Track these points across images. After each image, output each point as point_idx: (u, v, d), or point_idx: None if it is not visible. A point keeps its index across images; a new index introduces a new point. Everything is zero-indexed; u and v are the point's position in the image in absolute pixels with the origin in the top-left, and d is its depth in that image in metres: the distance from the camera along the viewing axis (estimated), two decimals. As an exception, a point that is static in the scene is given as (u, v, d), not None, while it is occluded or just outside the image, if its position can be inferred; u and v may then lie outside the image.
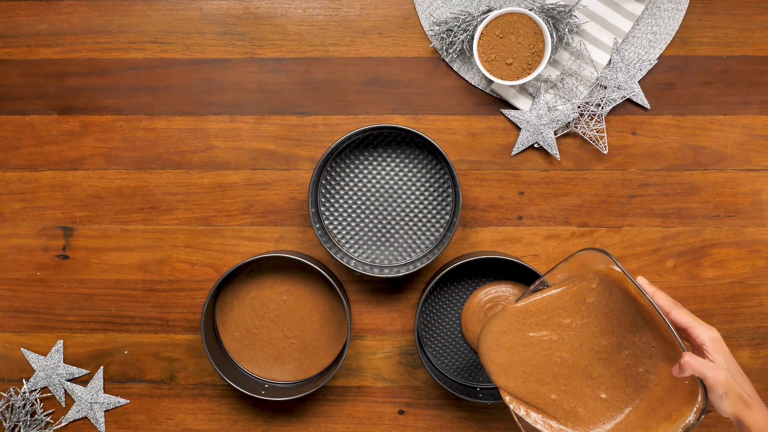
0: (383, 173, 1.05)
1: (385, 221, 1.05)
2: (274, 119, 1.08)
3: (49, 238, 1.09)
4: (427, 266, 1.07)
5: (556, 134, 1.05)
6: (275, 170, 1.08)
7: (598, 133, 1.05)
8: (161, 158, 1.08)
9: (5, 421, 1.08)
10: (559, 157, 1.06)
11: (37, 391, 1.10)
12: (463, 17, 1.02)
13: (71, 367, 1.09)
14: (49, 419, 1.10)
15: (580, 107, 1.04)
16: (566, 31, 1.02)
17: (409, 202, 1.05)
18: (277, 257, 1.02)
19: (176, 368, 1.10)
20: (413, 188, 1.05)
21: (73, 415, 1.09)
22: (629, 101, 1.06)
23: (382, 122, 1.06)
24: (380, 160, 1.05)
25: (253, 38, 1.07)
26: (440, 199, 1.05)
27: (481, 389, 1.05)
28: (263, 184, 1.08)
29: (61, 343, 1.09)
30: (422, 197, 1.05)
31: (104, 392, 1.10)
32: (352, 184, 1.05)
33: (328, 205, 1.06)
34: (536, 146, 1.06)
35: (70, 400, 1.10)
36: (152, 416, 1.10)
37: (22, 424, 1.08)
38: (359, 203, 1.05)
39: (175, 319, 1.09)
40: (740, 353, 1.08)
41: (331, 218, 1.06)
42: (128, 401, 1.10)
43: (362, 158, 1.05)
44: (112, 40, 1.08)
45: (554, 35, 1.01)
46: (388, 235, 1.06)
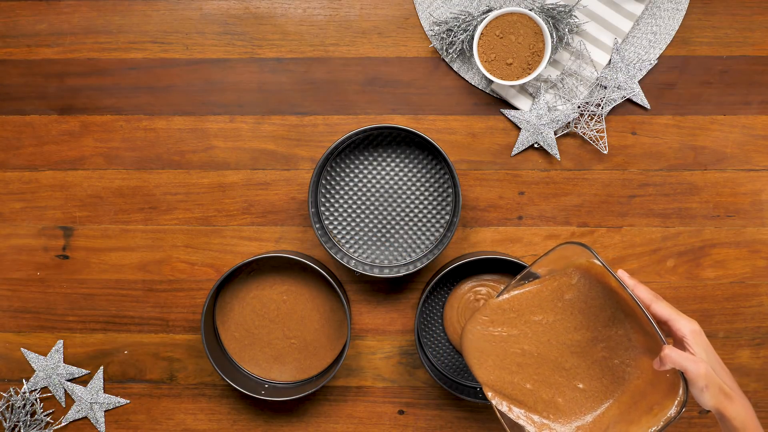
0: (383, 173, 1.05)
1: (385, 221, 1.05)
2: (274, 119, 1.08)
3: (49, 238, 1.09)
4: (427, 266, 1.07)
5: (556, 134, 1.05)
6: (275, 170, 1.08)
7: (598, 133, 1.05)
8: (161, 158, 1.08)
9: (5, 421, 1.08)
10: (559, 157, 1.06)
11: (37, 391, 1.10)
12: (463, 17, 1.02)
13: (71, 367, 1.09)
14: (49, 419, 1.10)
15: (580, 107, 1.04)
16: (566, 31, 1.02)
17: (409, 202, 1.05)
18: (277, 257, 1.02)
19: (176, 368, 1.10)
20: (413, 188, 1.05)
21: (73, 415, 1.09)
22: (629, 101, 1.06)
23: (382, 122, 1.06)
24: (380, 160, 1.05)
25: (253, 38, 1.07)
26: (440, 199, 1.05)
27: (481, 389, 1.05)
28: (263, 184, 1.08)
29: (61, 343, 1.09)
30: (422, 197, 1.05)
31: (104, 392, 1.10)
32: (352, 184, 1.05)
33: (328, 205, 1.06)
34: (536, 146, 1.06)
35: (70, 400, 1.10)
36: (152, 416, 1.10)
37: (22, 424, 1.08)
38: (359, 203, 1.05)
39: (175, 319, 1.09)
40: (740, 353, 1.08)
41: (331, 218, 1.06)
42: (128, 401, 1.10)
43: (362, 158, 1.05)
44: (112, 40, 1.08)
45: (554, 35, 1.01)
46: (388, 235, 1.06)
